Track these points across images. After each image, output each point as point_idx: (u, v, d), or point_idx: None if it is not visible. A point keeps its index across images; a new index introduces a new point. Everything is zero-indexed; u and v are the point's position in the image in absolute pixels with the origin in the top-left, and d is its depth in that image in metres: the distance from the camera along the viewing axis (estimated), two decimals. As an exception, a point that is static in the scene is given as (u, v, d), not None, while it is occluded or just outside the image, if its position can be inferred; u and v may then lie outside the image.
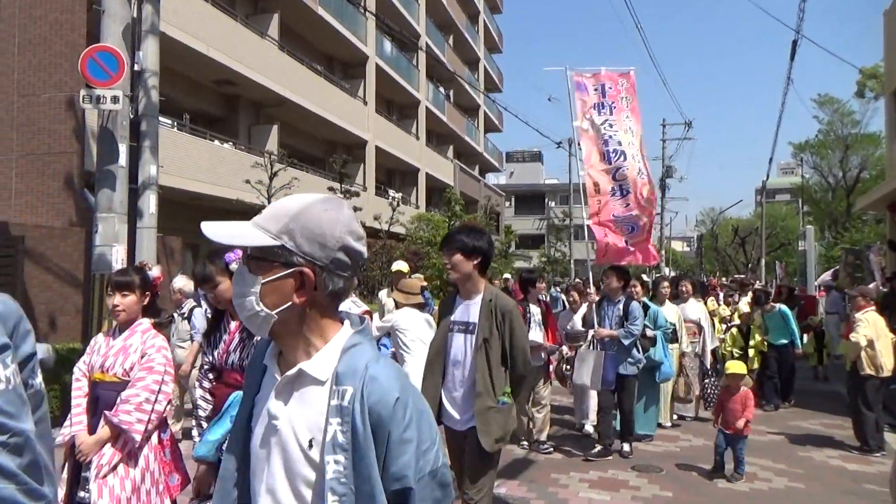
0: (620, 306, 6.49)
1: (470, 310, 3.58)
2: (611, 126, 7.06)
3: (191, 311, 6.35)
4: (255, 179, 13.54)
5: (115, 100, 7.36)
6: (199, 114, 17.74)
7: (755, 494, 5.48)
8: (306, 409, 1.33)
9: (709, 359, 8.21)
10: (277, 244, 1.32)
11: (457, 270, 3.50)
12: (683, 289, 8.38)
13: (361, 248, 1.39)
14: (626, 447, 6.51)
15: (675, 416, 8.05)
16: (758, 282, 21.77)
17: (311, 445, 1.30)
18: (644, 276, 15.31)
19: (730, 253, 48.94)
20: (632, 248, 6.97)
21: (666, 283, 8.17)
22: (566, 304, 11.16)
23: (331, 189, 15.98)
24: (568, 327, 7.64)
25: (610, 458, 6.37)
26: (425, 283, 10.03)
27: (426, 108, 31.20)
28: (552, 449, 6.66)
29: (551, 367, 6.90)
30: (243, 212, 15.07)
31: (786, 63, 41.40)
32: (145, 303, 3.36)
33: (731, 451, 5.91)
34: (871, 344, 6.86)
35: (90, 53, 7.39)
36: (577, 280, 17.96)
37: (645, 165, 7.17)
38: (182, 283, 6.53)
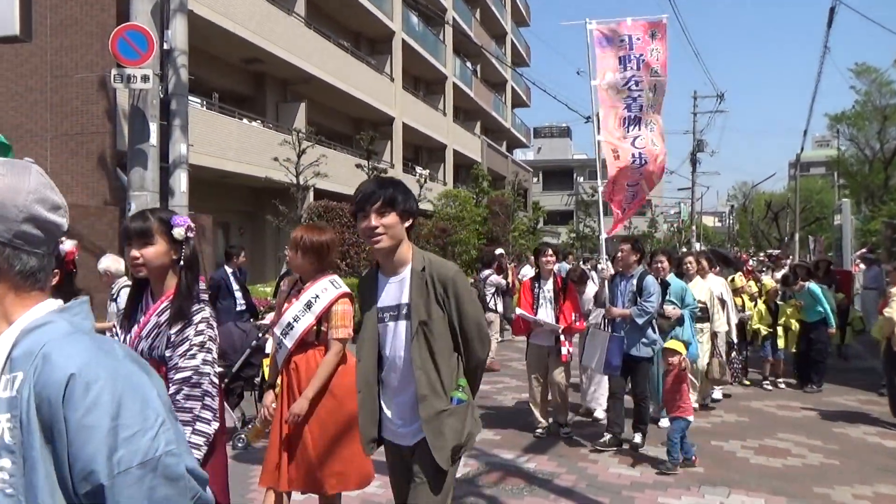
0: (634, 281, 5.96)
1: (400, 288, 2.66)
2: (637, 84, 6.30)
3: (119, 291, 5.71)
4: (284, 157, 13.61)
5: (145, 79, 7.44)
6: (228, 92, 17.83)
7: (789, 471, 5.43)
8: None
9: (734, 333, 7.96)
10: None
11: (392, 236, 2.58)
12: (699, 265, 7.88)
13: (58, 219, 1.19)
14: (637, 438, 5.85)
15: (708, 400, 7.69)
16: (791, 257, 21.38)
17: None
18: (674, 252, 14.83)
19: (762, 228, 48.18)
20: (625, 211, 6.58)
21: (691, 258, 7.82)
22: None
23: (358, 166, 15.99)
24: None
25: (618, 447, 5.87)
26: None
27: (453, 83, 30.99)
28: (571, 432, 6.37)
29: (564, 350, 6.26)
30: (273, 189, 15.19)
31: (822, 30, 40.26)
32: (54, 282, 2.89)
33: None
34: (907, 319, 6.72)
35: (120, 32, 7.47)
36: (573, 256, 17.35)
37: (660, 134, 6.40)
38: (109, 262, 5.86)
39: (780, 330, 8.99)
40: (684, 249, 23.40)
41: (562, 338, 6.25)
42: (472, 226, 22.65)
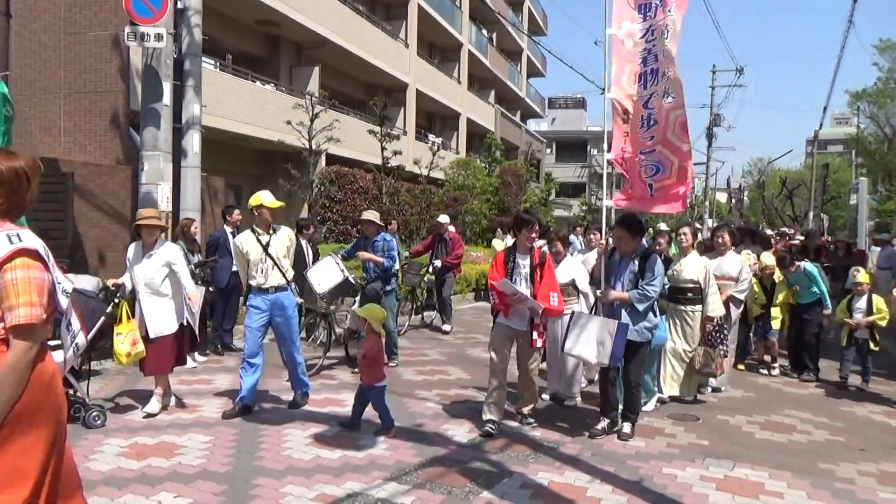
0: (636, 261, 5.34)
1: None
2: (652, 33, 5.57)
3: None
4: (297, 121, 13.55)
5: (158, 37, 7.38)
6: (242, 54, 17.71)
7: (793, 446, 5.44)
8: None
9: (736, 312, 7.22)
10: None
11: None
12: (720, 240, 7.30)
13: None
14: (626, 427, 5.44)
15: (698, 393, 6.81)
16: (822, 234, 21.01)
17: None
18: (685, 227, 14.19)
19: (776, 205, 47.76)
20: (655, 195, 5.71)
21: (685, 230, 6.94)
22: (582, 245, 10.35)
23: (371, 132, 15.91)
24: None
25: (612, 434, 5.49)
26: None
27: (468, 51, 30.64)
28: (536, 424, 5.65)
29: (535, 336, 5.46)
30: (285, 153, 15.15)
31: (848, 4, 39.40)
32: None
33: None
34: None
35: (134, -11, 7.39)
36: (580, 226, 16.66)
37: (677, 83, 5.50)
38: None
39: (775, 311, 8.42)
40: (697, 225, 23.22)
41: (535, 320, 5.43)
42: (483, 195, 22.58)
